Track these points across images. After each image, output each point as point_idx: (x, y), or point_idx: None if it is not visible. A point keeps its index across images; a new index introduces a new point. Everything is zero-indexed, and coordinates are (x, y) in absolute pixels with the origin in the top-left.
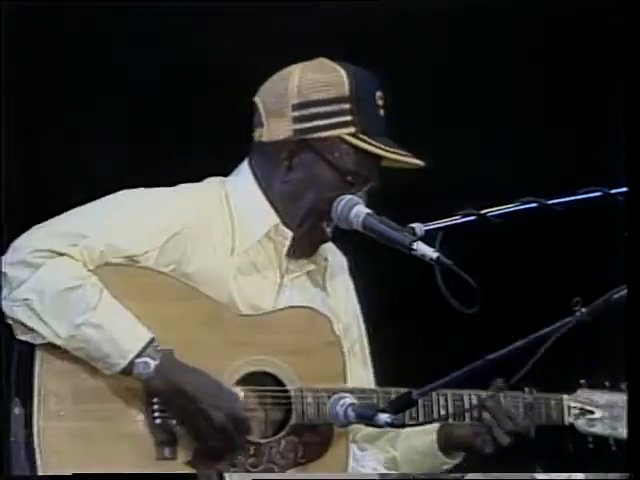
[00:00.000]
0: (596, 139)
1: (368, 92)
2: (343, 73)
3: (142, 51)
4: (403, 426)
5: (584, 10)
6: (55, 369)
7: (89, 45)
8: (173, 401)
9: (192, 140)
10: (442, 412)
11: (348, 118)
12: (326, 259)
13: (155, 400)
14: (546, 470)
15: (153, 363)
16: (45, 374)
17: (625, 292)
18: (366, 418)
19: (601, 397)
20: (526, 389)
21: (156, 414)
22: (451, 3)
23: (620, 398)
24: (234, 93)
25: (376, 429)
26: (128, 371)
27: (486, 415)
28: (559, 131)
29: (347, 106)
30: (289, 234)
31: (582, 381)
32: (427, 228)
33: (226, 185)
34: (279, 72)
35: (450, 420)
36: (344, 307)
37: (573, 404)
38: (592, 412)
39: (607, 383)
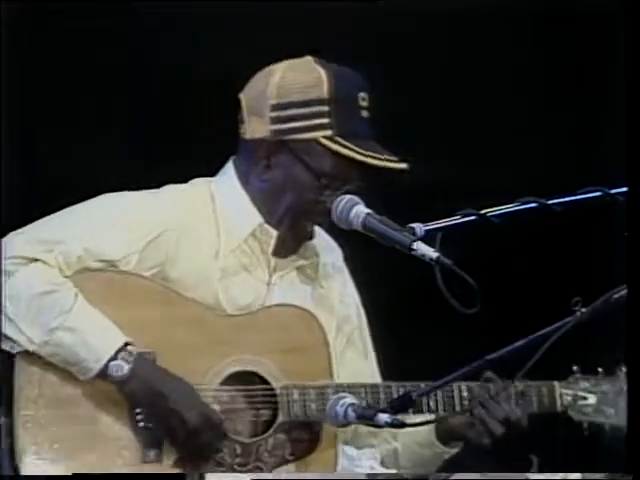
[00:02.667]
0: (596, 139)
1: (349, 94)
2: (323, 74)
3: (142, 51)
4: (403, 426)
5: (584, 10)
6: (35, 378)
7: (89, 45)
8: (147, 404)
9: (191, 141)
10: (431, 404)
11: (325, 120)
12: (317, 255)
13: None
14: (542, 461)
15: (127, 366)
16: (24, 383)
17: (625, 292)
18: (366, 418)
19: (594, 383)
20: None
21: (138, 417)
22: (451, 3)
23: (614, 383)
24: (238, 92)
25: None
26: (103, 375)
27: (476, 405)
28: (559, 131)
29: (325, 108)
30: (274, 233)
31: (575, 368)
32: (427, 228)
33: (212, 185)
34: (264, 69)
35: (440, 413)
36: (339, 298)
37: (565, 391)
38: (585, 398)
39: (600, 369)
